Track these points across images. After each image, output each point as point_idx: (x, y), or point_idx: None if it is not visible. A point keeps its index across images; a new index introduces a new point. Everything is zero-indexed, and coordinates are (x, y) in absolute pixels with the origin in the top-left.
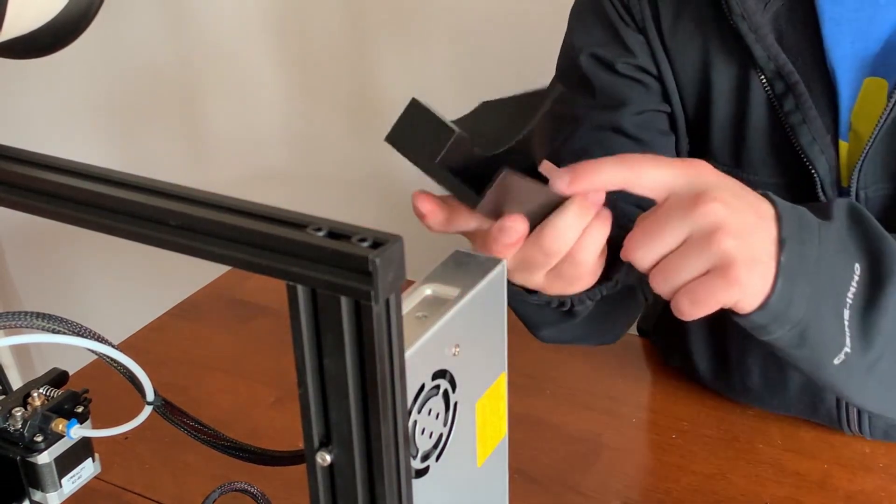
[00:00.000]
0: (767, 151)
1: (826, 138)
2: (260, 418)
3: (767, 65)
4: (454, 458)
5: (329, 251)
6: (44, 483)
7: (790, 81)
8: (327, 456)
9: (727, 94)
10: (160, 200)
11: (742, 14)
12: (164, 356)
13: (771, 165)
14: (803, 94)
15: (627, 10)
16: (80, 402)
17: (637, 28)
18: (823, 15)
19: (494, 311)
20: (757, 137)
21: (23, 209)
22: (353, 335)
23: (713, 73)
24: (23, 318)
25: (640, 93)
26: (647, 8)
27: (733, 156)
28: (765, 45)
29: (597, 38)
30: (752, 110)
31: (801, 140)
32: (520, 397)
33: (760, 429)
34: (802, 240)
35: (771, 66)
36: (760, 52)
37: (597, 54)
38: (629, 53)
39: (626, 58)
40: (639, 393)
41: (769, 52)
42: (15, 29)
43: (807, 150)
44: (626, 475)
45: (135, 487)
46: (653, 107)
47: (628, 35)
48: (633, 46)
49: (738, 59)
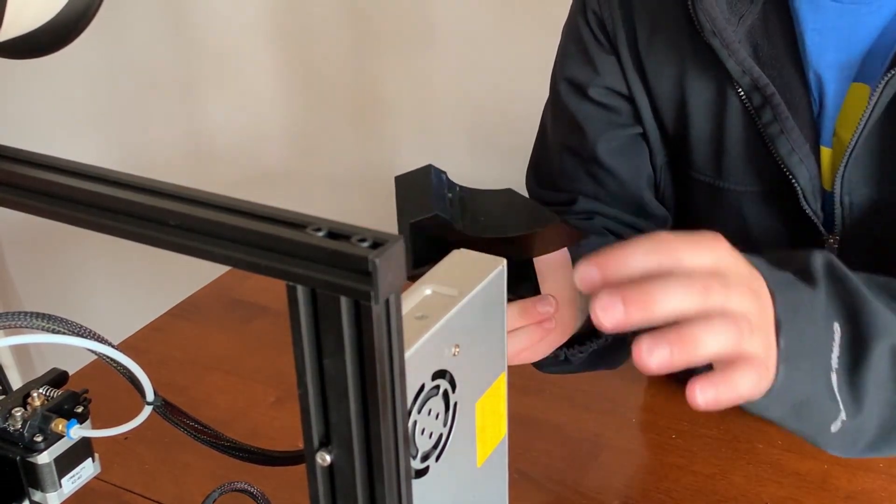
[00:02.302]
0: (747, 162)
1: (805, 148)
2: (260, 418)
3: (742, 78)
4: (454, 458)
5: (329, 251)
6: (44, 483)
7: (766, 94)
8: (327, 456)
9: (704, 107)
10: (160, 200)
11: (713, 31)
12: (164, 356)
13: (751, 175)
14: (780, 105)
15: (602, 28)
16: (80, 403)
17: (610, 47)
18: (805, 25)
19: (494, 311)
20: (736, 149)
21: (23, 209)
22: (353, 335)
23: (689, 87)
24: (23, 318)
25: (611, 119)
26: (621, 26)
27: (714, 167)
28: (738, 59)
29: (573, 60)
30: (730, 123)
31: (779, 151)
32: (520, 397)
33: (760, 429)
34: (797, 318)
35: (746, 80)
36: (734, 66)
37: (571, 79)
38: (599, 75)
39: (596, 80)
40: (639, 393)
41: (743, 67)
42: (14, 29)
43: (786, 160)
44: (626, 475)
45: (135, 487)
46: (624, 132)
47: (600, 56)
48: (602, 67)
49: (714, 74)
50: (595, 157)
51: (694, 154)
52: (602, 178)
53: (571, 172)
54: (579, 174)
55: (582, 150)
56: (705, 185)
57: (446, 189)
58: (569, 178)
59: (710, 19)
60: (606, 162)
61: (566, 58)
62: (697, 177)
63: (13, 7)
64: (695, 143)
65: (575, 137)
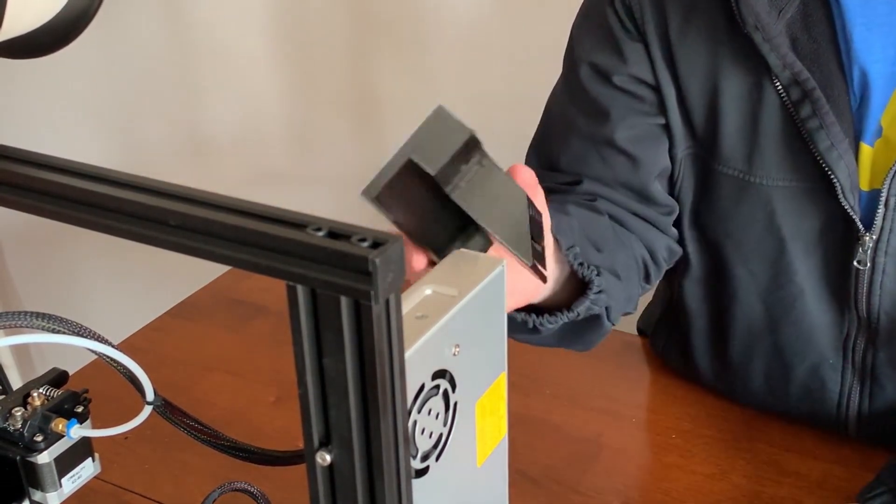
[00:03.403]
0: (782, 157)
1: (844, 143)
2: (260, 418)
3: (783, 73)
4: (454, 458)
5: (329, 251)
6: (44, 483)
7: (806, 88)
8: (327, 456)
9: (738, 100)
10: (160, 200)
11: (756, 25)
12: (164, 356)
13: (786, 170)
14: (820, 99)
15: (630, 15)
16: (80, 402)
17: (637, 35)
18: (853, 20)
19: (494, 311)
20: (771, 143)
21: (23, 209)
22: (353, 335)
23: (723, 79)
24: (23, 318)
25: (634, 106)
26: (651, 14)
27: (746, 161)
28: (779, 53)
29: (596, 47)
30: (766, 116)
31: (818, 146)
32: (520, 397)
33: (760, 429)
34: None
35: (786, 74)
36: (775, 60)
37: (595, 64)
38: (625, 63)
39: (622, 68)
40: (639, 393)
41: (784, 61)
42: (15, 29)
43: (825, 155)
44: (626, 475)
45: (135, 487)
46: (647, 121)
47: (626, 44)
48: (629, 55)
49: (751, 66)
50: (612, 141)
51: (723, 147)
52: (614, 163)
53: (581, 154)
54: (590, 157)
55: (598, 133)
56: (733, 179)
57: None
58: (577, 160)
59: (754, 14)
60: (624, 147)
61: (589, 42)
62: (725, 170)
63: (14, 7)
64: (725, 136)
65: (592, 120)
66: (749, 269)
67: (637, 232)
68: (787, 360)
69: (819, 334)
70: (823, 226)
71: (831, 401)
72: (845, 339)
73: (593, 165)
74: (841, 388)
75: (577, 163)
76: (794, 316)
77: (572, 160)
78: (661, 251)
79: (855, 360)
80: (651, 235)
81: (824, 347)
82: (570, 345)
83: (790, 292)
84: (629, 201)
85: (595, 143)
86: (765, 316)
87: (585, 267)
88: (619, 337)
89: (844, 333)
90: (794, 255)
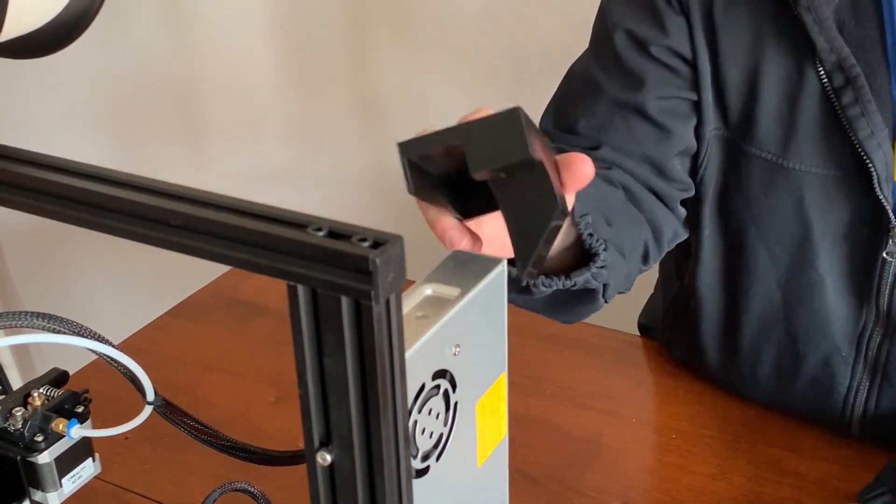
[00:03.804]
0: (819, 143)
1: (884, 132)
2: (260, 418)
3: (829, 57)
4: (454, 458)
5: (329, 251)
6: (44, 483)
7: (851, 75)
8: (327, 456)
9: (778, 83)
10: (160, 200)
11: (808, 6)
12: (164, 356)
13: (821, 157)
14: (864, 87)
15: None
16: (81, 402)
17: (680, 9)
18: None
19: (494, 311)
20: (808, 128)
21: (23, 209)
22: (353, 335)
23: (765, 60)
24: (23, 318)
25: (668, 78)
26: None
27: (780, 144)
28: (828, 37)
29: (635, 16)
30: (806, 101)
31: (858, 134)
32: (520, 397)
33: (760, 429)
34: None
35: (832, 59)
36: (823, 44)
37: (632, 32)
38: (665, 34)
39: (661, 39)
40: (639, 393)
41: (832, 45)
42: (15, 29)
43: (864, 143)
44: (626, 475)
45: (135, 487)
46: (679, 94)
47: (668, 16)
48: (670, 28)
49: (794, 49)
50: (642, 109)
51: (758, 130)
52: (639, 132)
53: (605, 120)
54: (615, 124)
55: (628, 99)
56: (765, 163)
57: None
58: (599, 126)
59: None
60: (653, 117)
61: (627, 10)
62: (757, 153)
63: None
64: (761, 119)
65: (623, 87)
66: (770, 255)
67: (647, 208)
68: (799, 350)
69: (835, 325)
70: (853, 216)
71: (838, 395)
72: (861, 332)
73: (616, 133)
74: (850, 381)
75: (599, 129)
76: (811, 306)
77: (594, 125)
78: (667, 232)
79: (868, 354)
80: (660, 214)
81: (838, 339)
82: (556, 314)
83: (810, 281)
84: (646, 174)
85: (623, 109)
86: (781, 304)
87: (594, 239)
88: (619, 337)
89: (861, 326)
90: (819, 243)
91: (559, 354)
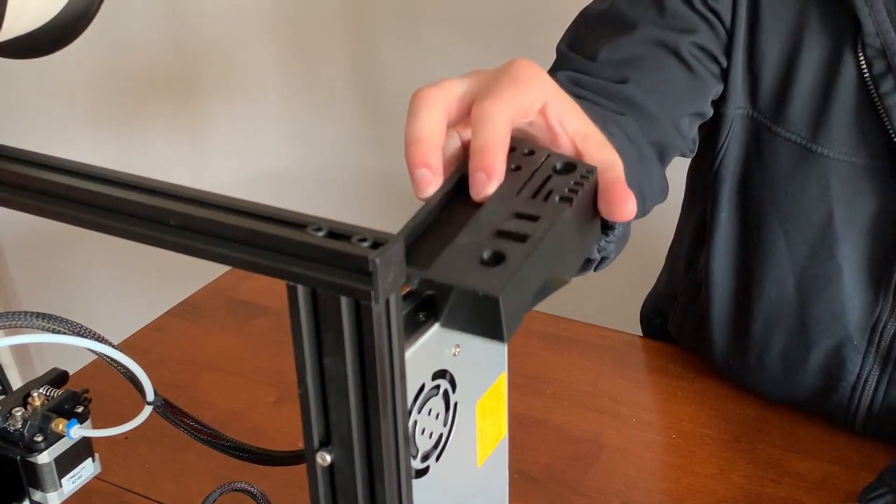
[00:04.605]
0: (851, 130)
1: None
2: (260, 418)
3: (874, 41)
4: (454, 458)
5: (329, 251)
6: (44, 483)
7: (894, 62)
8: (327, 456)
9: (817, 65)
10: (160, 200)
11: None
12: (164, 356)
13: (853, 144)
14: None
15: None
16: (80, 402)
17: None
18: None
19: None
20: (842, 114)
21: (23, 209)
22: (353, 335)
23: (806, 41)
24: (23, 318)
25: (706, 31)
26: None
27: (811, 129)
28: (878, 20)
29: None
30: (842, 87)
31: (894, 123)
32: (520, 397)
33: (760, 429)
34: None
35: (877, 43)
36: (870, 27)
37: None
38: None
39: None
40: (639, 393)
41: (879, 28)
42: (15, 29)
43: None
44: (626, 475)
45: (135, 487)
46: (713, 50)
47: None
48: None
49: (836, 33)
50: (677, 50)
51: (790, 111)
52: (670, 72)
53: (634, 54)
54: (645, 59)
55: (664, 38)
56: (794, 146)
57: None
58: (626, 59)
59: None
60: (687, 60)
61: None
62: (787, 135)
63: (14, 8)
64: (794, 100)
65: (661, 26)
66: (788, 241)
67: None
68: (811, 337)
69: (849, 314)
70: (880, 206)
71: (847, 384)
72: (875, 321)
73: (645, 70)
74: (860, 370)
75: (627, 63)
76: (826, 294)
77: (618, 59)
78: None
79: (881, 344)
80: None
81: (851, 328)
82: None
83: (827, 269)
84: (662, 121)
85: (657, 47)
86: (796, 291)
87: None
88: (620, 337)
89: (875, 316)
90: (841, 232)
91: (559, 354)
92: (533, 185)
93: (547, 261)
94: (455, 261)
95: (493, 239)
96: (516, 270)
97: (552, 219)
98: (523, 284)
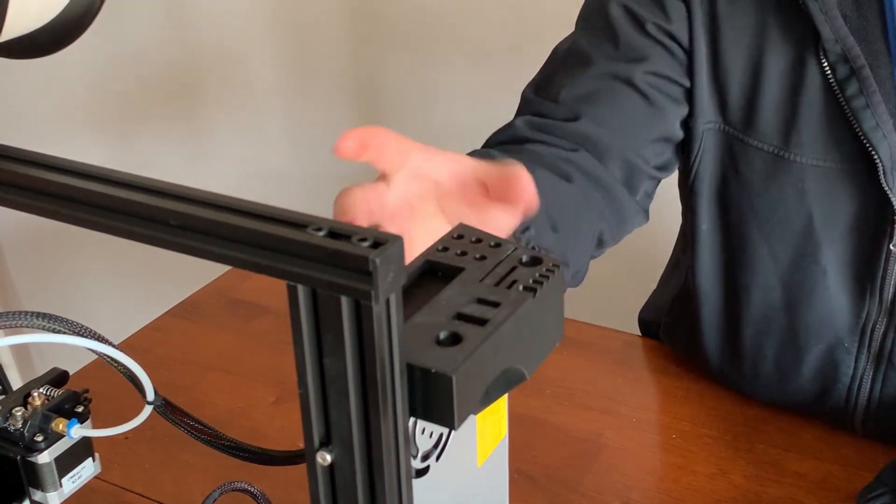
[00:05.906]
0: (821, 135)
1: (889, 123)
2: (260, 418)
3: (834, 47)
4: (454, 458)
5: (329, 251)
6: (44, 483)
7: (856, 66)
8: (327, 456)
9: (780, 74)
10: (160, 200)
11: None
12: (164, 356)
13: (825, 149)
14: (868, 78)
15: None
16: (81, 402)
17: None
18: None
19: None
20: (811, 120)
21: (23, 209)
22: (353, 335)
23: (768, 52)
24: (23, 318)
25: (663, 57)
26: None
27: (782, 137)
28: (834, 26)
29: None
30: (808, 93)
31: (863, 125)
32: (520, 397)
33: (760, 429)
34: None
35: (837, 49)
36: (829, 34)
37: (630, 9)
38: (664, 17)
39: (659, 20)
40: (639, 393)
41: (837, 35)
42: (16, 29)
43: (869, 135)
44: (626, 475)
45: (135, 487)
46: (671, 74)
47: (669, 1)
48: (671, 12)
49: (796, 42)
50: (631, 81)
51: (759, 121)
52: (625, 103)
53: (589, 90)
54: (599, 93)
55: (617, 71)
56: (767, 155)
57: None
58: (582, 95)
59: None
60: (642, 90)
61: None
62: (759, 145)
63: (15, 8)
64: (763, 111)
65: (614, 58)
66: (771, 249)
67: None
68: (802, 342)
69: (837, 317)
70: (857, 208)
71: (842, 386)
72: (864, 322)
73: (600, 103)
74: (854, 371)
75: (582, 99)
76: (813, 299)
77: (576, 95)
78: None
79: (872, 344)
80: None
81: (841, 330)
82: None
83: (812, 274)
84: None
85: (611, 80)
86: (783, 297)
87: (536, 250)
88: (620, 337)
89: (864, 317)
90: (822, 236)
91: (559, 354)
92: (497, 274)
93: (506, 348)
94: (409, 340)
95: (451, 321)
96: (472, 352)
97: (514, 306)
98: (479, 369)
